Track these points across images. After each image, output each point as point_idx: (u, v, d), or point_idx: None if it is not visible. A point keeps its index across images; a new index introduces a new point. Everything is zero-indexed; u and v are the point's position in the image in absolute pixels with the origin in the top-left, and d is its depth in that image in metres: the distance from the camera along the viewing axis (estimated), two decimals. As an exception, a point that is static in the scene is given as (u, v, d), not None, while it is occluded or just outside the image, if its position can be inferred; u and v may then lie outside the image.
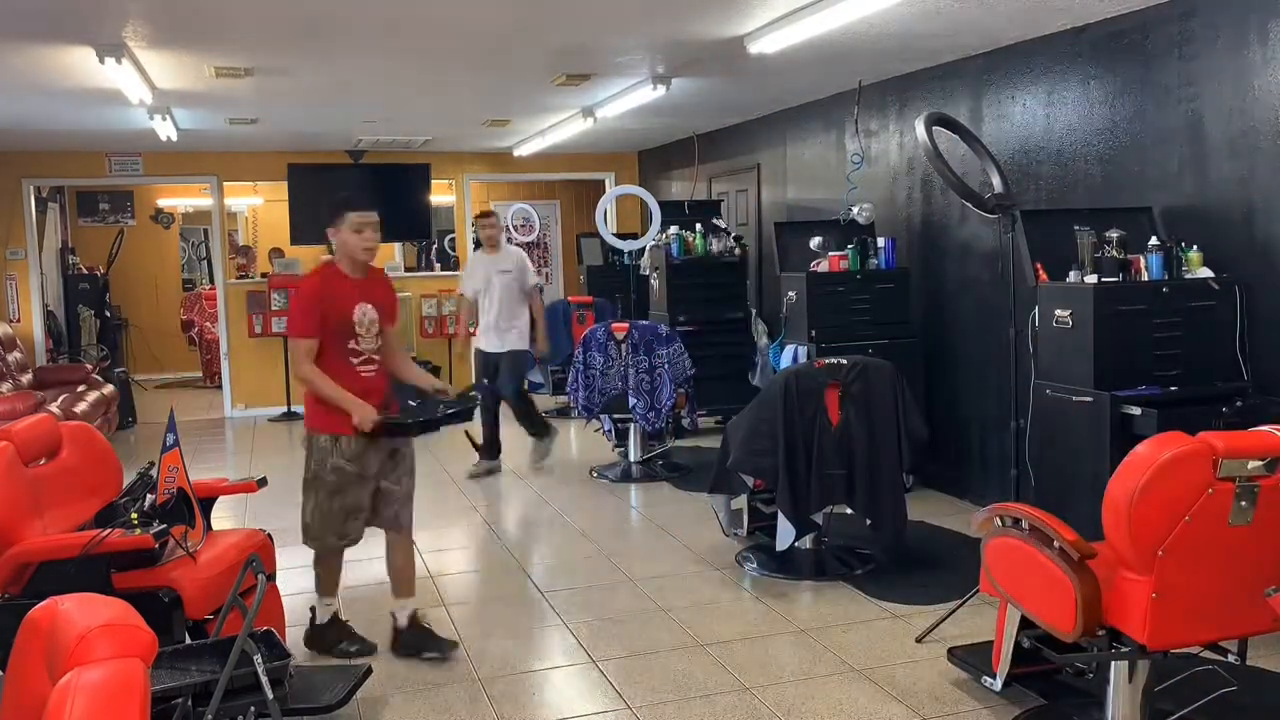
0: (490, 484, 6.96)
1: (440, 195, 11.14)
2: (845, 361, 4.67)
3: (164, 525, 3.33)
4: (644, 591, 4.62)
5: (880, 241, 6.25)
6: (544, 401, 9.72)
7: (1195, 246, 4.30)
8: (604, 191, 10.39)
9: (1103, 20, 4.92)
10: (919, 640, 3.95)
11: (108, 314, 11.19)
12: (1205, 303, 4.22)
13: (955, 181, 4.29)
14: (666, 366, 6.63)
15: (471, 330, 7.16)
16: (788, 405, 4.53)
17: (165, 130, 7.39)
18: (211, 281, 11.48)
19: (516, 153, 10.08)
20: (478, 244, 7.36)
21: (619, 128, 8.52)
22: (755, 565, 4.88)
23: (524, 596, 4.66)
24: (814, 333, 5.95)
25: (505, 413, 7.03)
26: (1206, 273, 4.26)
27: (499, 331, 6.83)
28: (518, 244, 14.00)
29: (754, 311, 8.01)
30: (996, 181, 4.41)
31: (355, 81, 6.34)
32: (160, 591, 3.24)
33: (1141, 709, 3.02)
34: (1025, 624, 3.18)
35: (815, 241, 6.29)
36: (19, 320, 9.34)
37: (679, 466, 6.95)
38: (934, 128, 4.40)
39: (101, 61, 4.96)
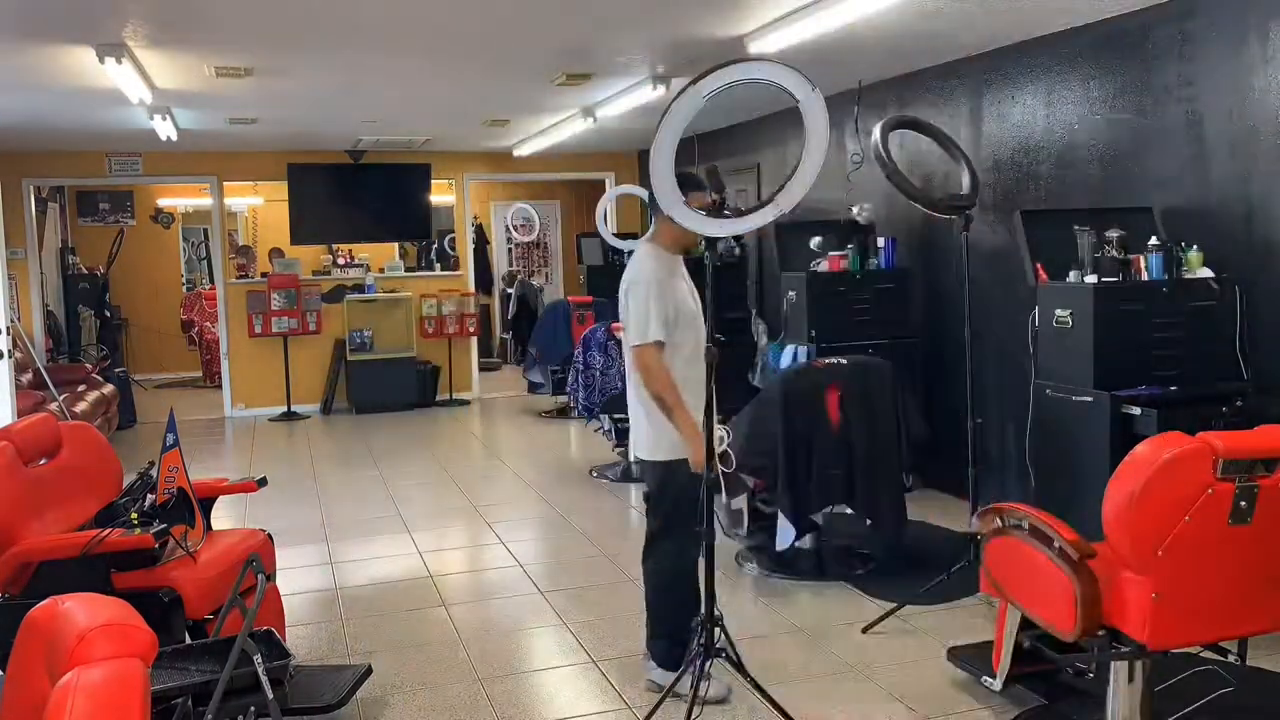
0: (490, 484, 6.96)
1: (440, 195, 11.14)
2: (845, 361, 4.67)
3: (164, 525, 3.33)
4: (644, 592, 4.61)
5: (880, 241, 6.25)
6: (544, 401, 9.75)
7: (1195, 246, 4.29)
8: (604, 191, 10.39)
9: (1103, 20, 4.92)
10: (865, 631, 4.05)
11: (108, 314, 11.19)
12: (1205, 303, 4.22)
13: (906, 184, 4.37)
14: (666, 366, 6.62)
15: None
16: (788, 405, 4.53)
17: (165, 130, 7.39)
18: (211, 281, 11.48)
19: (516, 153, 10.08)
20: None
21: (619, 128, 8.51)
22: (755, 565, 4.88)
23: (524, 596, 4.66)
24: (814, 333, 5.95)
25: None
26: (1206, 273, 4.26)
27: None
28: (518, 244, 14.16)
29: (754, 311, 8.01)
30: (965, 181, 4.44)
31: (355, 81, 6.33)
32: (160, 591, 3.25)
33: (1141, 709, 3.02)
34: (1025, 624, 3.18)
35: (815, 241, 6.28)
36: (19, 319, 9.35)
37: (679, 466, 6.94)
38: (909, 130, 4.45)
39: (101, 61, 4.96)
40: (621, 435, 7.07)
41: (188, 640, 3.26)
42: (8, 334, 5.69)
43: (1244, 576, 2.81)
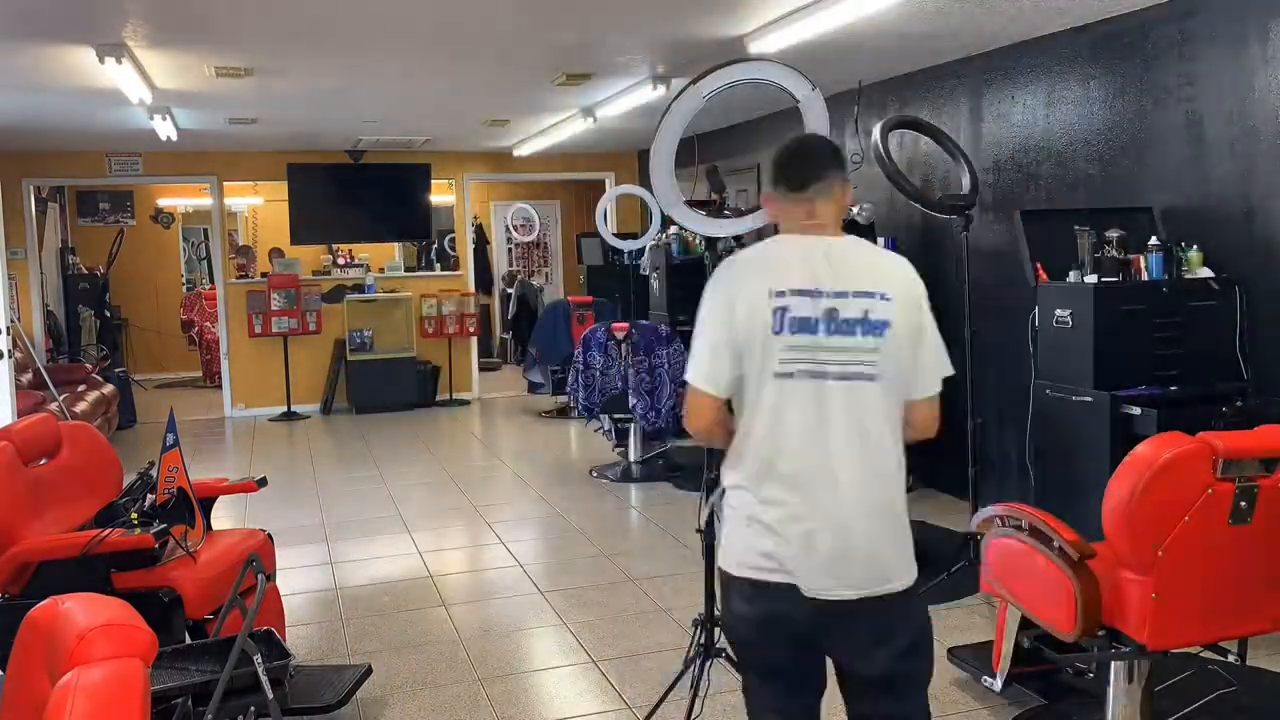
0: (490, 484, 6.96)
1: (440, 195, 11.15)
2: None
3: (164, 525, 3.34)
4: (644, 591, 4.62)
5: (880, 241, 6.25)
6: (544, 401, 9.74)
7: (1195, 246, 4.30)
8: (604, 191, 10.39)
9: (1103, 20, 4.92)
10: None
11: (108, 314, 11.19)
12: (1205, 303, 4.22)
13: (906, 184, 4.37)
14: (666, 367, 6.63)
15: None
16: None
17: (165, 130, 7.39)
18: (211, 281, 11.48)
19: (516, 153, 10.08)
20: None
21: (619, 128, 8.51)
22: (755, 565, 4.87)
23: (524, 596, 4.66)
24: (814, 333, 5.94)
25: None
26: (1206, 273, 4.26)
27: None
28: (518, 244, 14.15)
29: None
30: (965, 181, 4.44)
31: (355, 81, 6.33)
32: (160, 591, 3.25)
33: (1141, 709, 3.02)
34: (1025, 624, 3.18)
35: (815, 241, 6.28)
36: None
37: (679, 466, 6.95)
38: (905, 130, 4.46)
39: (101, 61, 4.96)
40: (621, 435, 7.08)
41: (188, 640, 3.26)
42: (8, 334, 5.70)
43: (1244, 577, 2.80)
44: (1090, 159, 5.07)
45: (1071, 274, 4.33)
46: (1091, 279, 4.23)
